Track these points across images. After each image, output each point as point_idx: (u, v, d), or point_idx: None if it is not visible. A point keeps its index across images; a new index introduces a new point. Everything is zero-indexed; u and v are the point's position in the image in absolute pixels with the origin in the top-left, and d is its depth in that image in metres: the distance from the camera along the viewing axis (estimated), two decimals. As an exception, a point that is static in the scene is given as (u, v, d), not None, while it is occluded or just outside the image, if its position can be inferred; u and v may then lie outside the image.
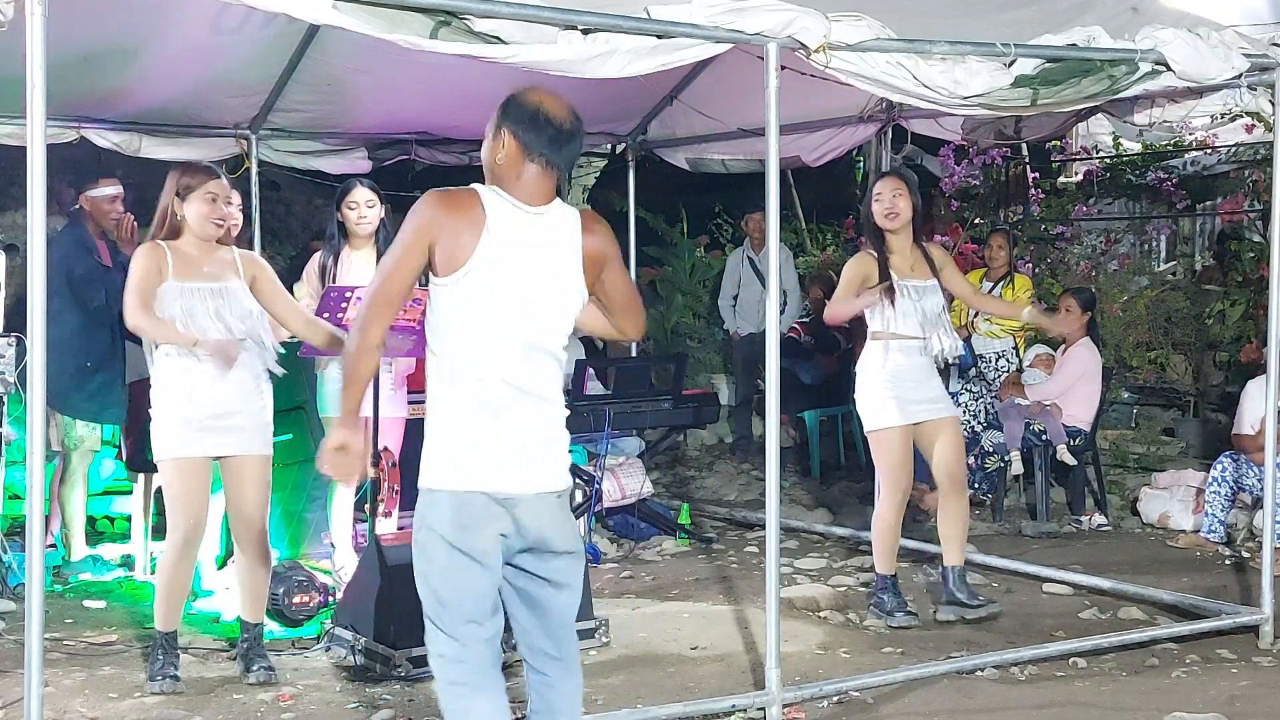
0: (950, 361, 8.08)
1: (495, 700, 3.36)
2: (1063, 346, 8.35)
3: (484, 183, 3.34)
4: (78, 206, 6.89)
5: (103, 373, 6.66)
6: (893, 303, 5.71)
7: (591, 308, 3.52)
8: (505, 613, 3.43)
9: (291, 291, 5.66)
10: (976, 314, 8.39)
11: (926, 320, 5.78)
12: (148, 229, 5.10)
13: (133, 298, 4.86)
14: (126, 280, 4.93)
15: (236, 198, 5.76)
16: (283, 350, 5.12)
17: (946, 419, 5.90)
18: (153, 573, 6.16)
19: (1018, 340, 8.77)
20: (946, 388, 6.39)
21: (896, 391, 5.75)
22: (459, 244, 3.19)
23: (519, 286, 3.25)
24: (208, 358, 4.86)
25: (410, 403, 6.06)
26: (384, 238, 5.99)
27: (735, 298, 10.36)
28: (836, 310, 5.84)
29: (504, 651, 5.27)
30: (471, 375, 3.26)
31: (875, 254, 5.80)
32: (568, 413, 3.45)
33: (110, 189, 6.79)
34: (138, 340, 5.35)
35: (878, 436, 5.84)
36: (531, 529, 3.31)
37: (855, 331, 9.21)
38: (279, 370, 5.08)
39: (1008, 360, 8.62)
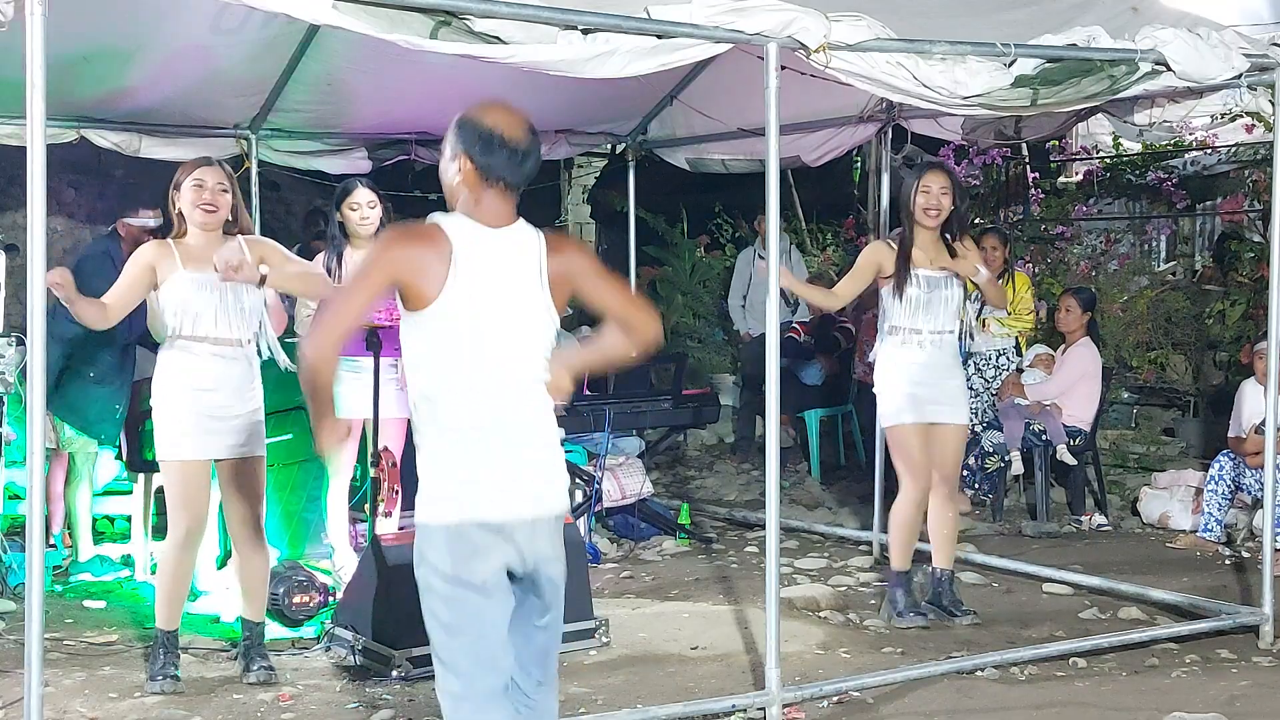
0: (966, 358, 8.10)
1: None
2: (1063, 346, 8.35)
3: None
4: (113, 228, 6.92)
5: (105, 386, 6.66)
6: (901, 295, 5.72)
7: (598, 340, 3.48)
8: None
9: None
10: (982, 310, 8.38)
11: (943, 312, 5.76)
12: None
13: (108, 294, 4.89)
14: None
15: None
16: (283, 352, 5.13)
17: (955, 426, 5.88)
18: (153, 573, 6.16)
19: (1019, 340, 8.77)
20: None
21: (912, 388, 5.74)
22: (428, 276, 3.14)
23: (493, 310, 3.21)
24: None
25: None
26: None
27: (744, 298, 10.37)
28: (840, 290, 5.85)
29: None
30: (455, 405, 3.21)
31: (893, 244, 5.80)
32: (561, 432, 3.40)
33: (151, 220, 6.78)
34: (150, 345, 5.35)
35: (893, 433, 5.85)
36: (529, 555, 3.26)
37: (858, 331, 9.26)
38: (288, 363, 5.08)
39: (1008, 359, 8.61)
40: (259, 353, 5.07)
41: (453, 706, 3.24)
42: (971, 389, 8.50)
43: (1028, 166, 10.51)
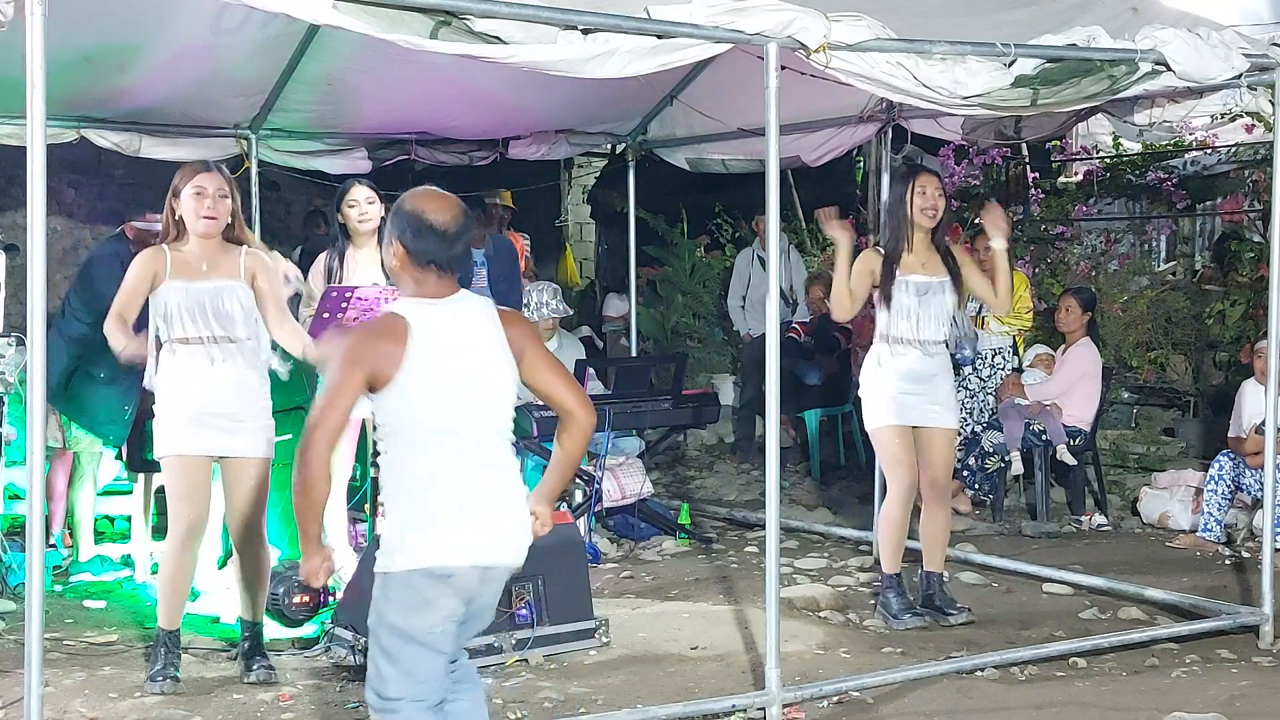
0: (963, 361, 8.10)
1: None
2: (1063, 346, 8.35)
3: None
4: (120, 229, 6.92)
5: (114, 386, 6.65)
6: (889, 304, 5.73)
7: (553, 463, 3.59)
8: None
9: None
10: (981, 309, 8.37)
11: (932, 320, 5.76)
12: None
13: (115, 306, 4.92)
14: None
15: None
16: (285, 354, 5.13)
17: (942, 430, 5.87)
18: (154, 573, 6.16)
19: (1017, 339, 8.77)
20: None
21: (894, 391, 5.75)
22: (390, 360, 3.28)
23: (452, 377, 3.33)
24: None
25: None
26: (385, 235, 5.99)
27: (744, 298, 10.36)
28: (838, 291, 5.83)
29: (505, 650, 5.30)
30: (417, 468, 3.32)
31: (882, 251, 5.81)
32: (524, 492, 3.49)
33: (158, 225, 6.77)
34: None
35: (875, 435, 5.86)
36: (475, 603, 3.39)
37: (856, 332, 9.26)
38: (283, 369, 5.09)
39: (1004, 358, 8.61)
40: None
41: (378, 707, 3.37)
42: (968, 389, 8.51)
43: (1028, 166, 10.51)
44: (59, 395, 6.61)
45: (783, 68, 4.59)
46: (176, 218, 4.98)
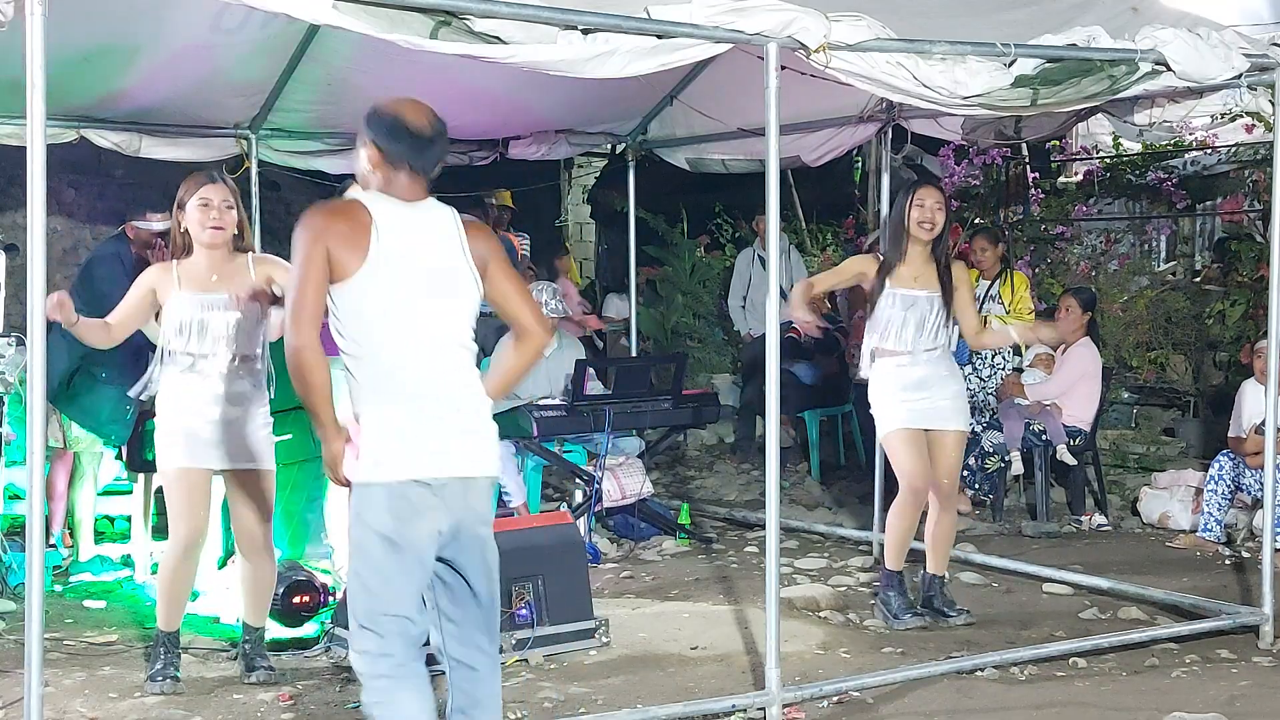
0: None
1: (421, 695, 3.39)
2: (1063, 346, 8.34)
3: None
4: (121, 229, 6.92)
5: (116, 387, 6.65)
6: (872, 310, 5.75)
7: (494, 364, 3.60)
8: (438, 609, 3.49)
9: None
10: (982, 306, 8.37)
11: (923, 331, 5.75)
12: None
13: (113, 314, 4.95)
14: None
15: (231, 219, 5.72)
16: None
17: (953, 433, 5.86)
18: (153, 573, 6.16)
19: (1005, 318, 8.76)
20: None
21: (902, 395, 5.74)
22: (352, 246, 3.29)
23: (416, 277, 3.35)
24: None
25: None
26: None
27: (745, 298, 10.36)
28: (809, 283, 5.90)
29: (505, 650, 5.30)
30: (384, 370, 3.34)
31: (880, 258, 5.80)
32: (489, 402, 3.49)
33: (158, 224, 6.78)
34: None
35: (887, 441, 5.86)
36: (461, 514, 3.38)
37: (852, 331, 9.26)
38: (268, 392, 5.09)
39: (1004, 358, 8.61)
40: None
41: (370, 663, 3.36)
42: (968, 389, 8.50)
43: (1028, 166, 10.50)
44: (61, 396, 6.62)
45: (783, 68, 4.59)
46: (183, 230, 4.98)
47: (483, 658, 3.52)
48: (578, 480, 7.77)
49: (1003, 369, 8.55)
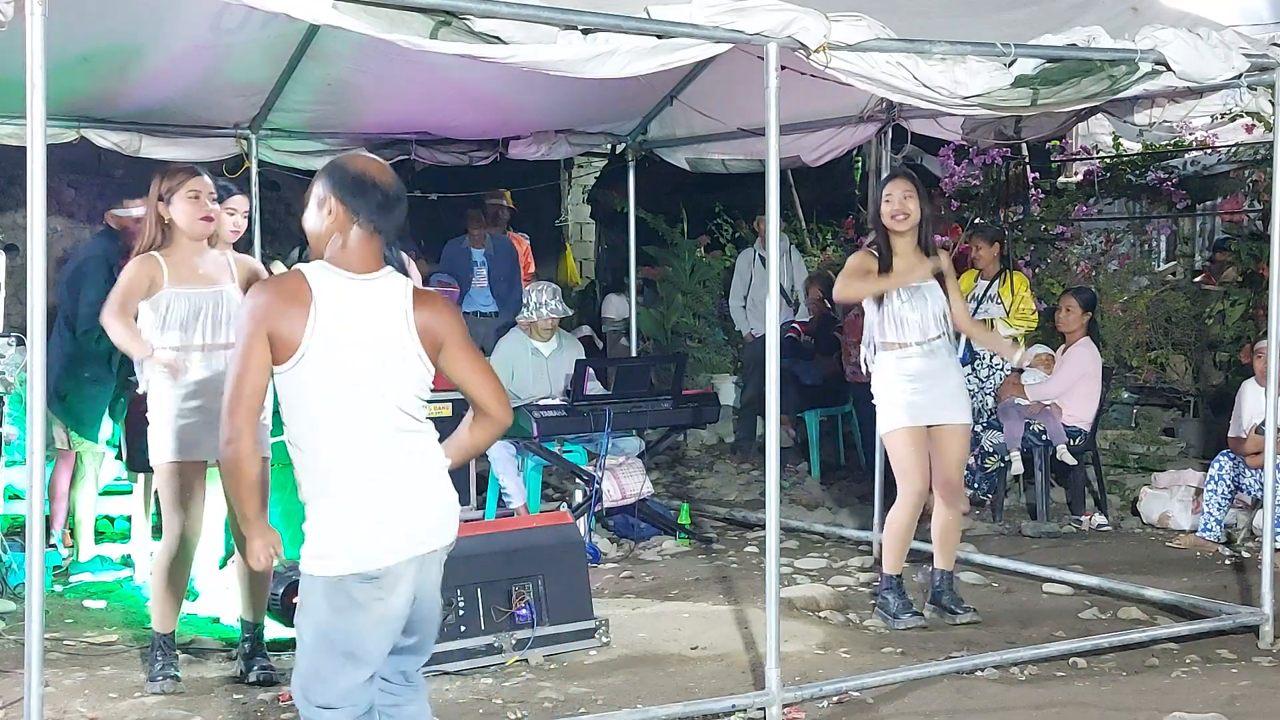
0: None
1: None
2: (1063, 346, 8.35)
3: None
4: (105, 226, 6.93)
5: (101, 386, 6.67)
6: (879, 305, 5.73)
7: (457, 435, 3.45)
8: None
9: None
10: (978, 309, 8.37)
11: (928, 320, 5.77)
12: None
13: (113, 301, 4.91)
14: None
15: (243, 203, 5.74)
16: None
17: (956, 426, 5.86)
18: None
19: (1019, 339, 8.76)
20: None
21: (906, 395, 5.74)
22: (291, 328, 3.15)
23: (356, 357, 3.20)
24: (163, 368, 4.89)
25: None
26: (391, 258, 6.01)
27: (745, 298, 10.36)
28: (851, 289, 5.78)
29: (505, 650, 5.30)
30: (324, 464, 3.22)
31: (877, 253, 5.80)
32: (431, 411, 3.37)
33: (137, 210, 6.79)
34: None
35: (888, 439, 5.85)
36: (410, 591, 3.28)
37: (849, 330, 9.27)
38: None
39: (1003, 358, 8.60)
40: None
41: (304, 709, 3.31)
42: (968, 389, 8.50)
43: (1028, 166, 10.50)
44: (52, 400, 6.62)
45: (783, 68, 4.59)
46: (166, 222, 4.97)
47: (408, 688, 3.46)
48: (578, 480, 7.77)
49: (1002, 369, 8.55)
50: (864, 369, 5.97)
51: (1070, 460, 8.09)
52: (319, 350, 3.17)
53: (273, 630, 5.47)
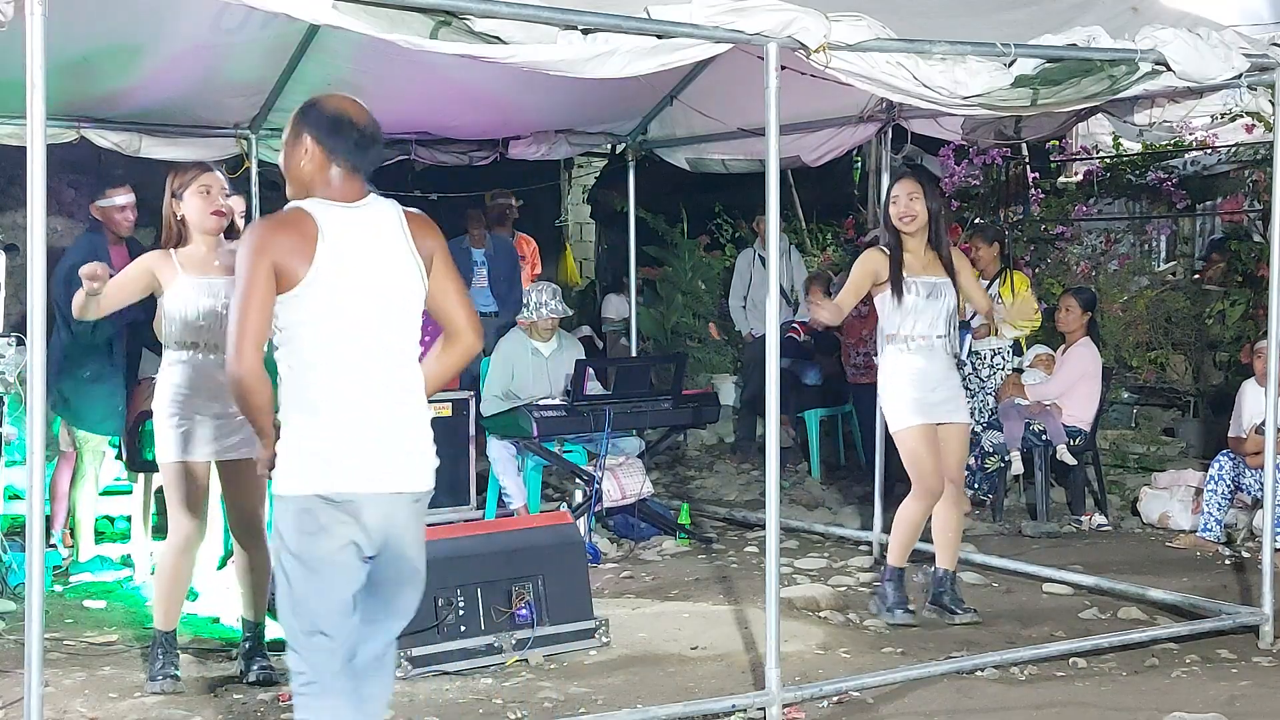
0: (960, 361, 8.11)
1: (343, 706, 3.34)
2: (1063, 346, 8.35)
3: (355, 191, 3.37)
4: (92, 219, 6.93)
5: (103, 384, 6.67)
6: (899, 301, 5.72)
7: (428, 360, 3.47)
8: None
9: None
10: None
11: (939, 318, 5.78)
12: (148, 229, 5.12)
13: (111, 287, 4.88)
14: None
15: (239, 204, 5.80)
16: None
17: (958, 425, 5.90)
18: (153, 573, 6.16)
19: (1020, 340, 8.76)
20: None
21: (917, 392, 5.75)
22: (298, 257, 3.21)
23: (362, 283, 3.27)
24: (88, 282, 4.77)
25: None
26: None
27: (745, 298, 10.36)
28: (836, 305, 5.79)
29: (505, 650, 5.30)
30: (313, 381, 3.25)
31: (887, 251, 5.80)
32: (432, 412, 3.42)
33: (120, 198, 6.81)
34: (152, 346, 5.36)
35: (900, 437, 5.85)
36: (378, 533, 3.29)
37: (846, 331, 9.26)
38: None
39: (1004, 358, 8.60)
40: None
41: (293, 681, 3.35)
42: (968, 389, 8.51)
43: (1028, 166, 10.50)
44: (56, 401, 6.63)
45: (783, 68, 4.59)
46: (179, 219, 4.99)
47: (376, 663, 3.46)
48: (578, 480, 7.77)
49: (1002, 369, 8.55)
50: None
51: (1070, 460, 8.09)
52: (325, 274, 3.22)
53: (273, 630, 5.47)
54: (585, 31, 4.27)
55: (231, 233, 5.13)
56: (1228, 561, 7.13)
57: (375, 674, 3.46)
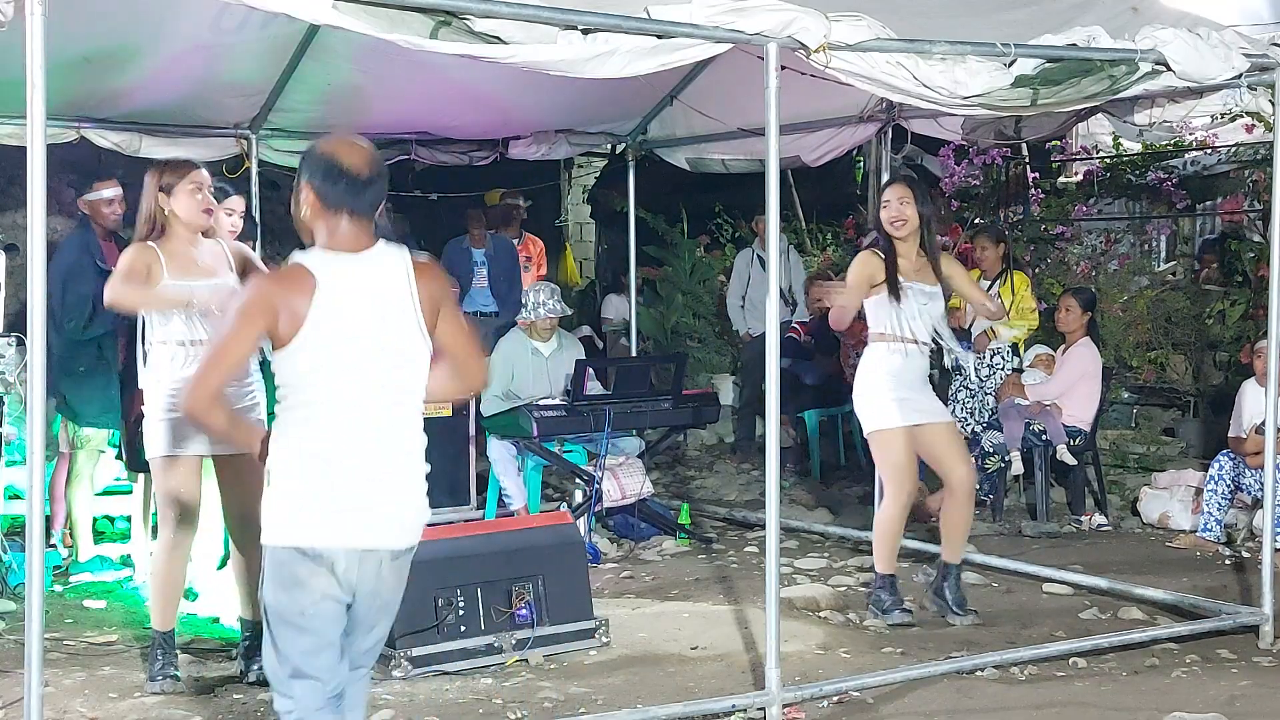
0: (959, 365, 8.11)
1: None
2: (1063, 346, 8.35)
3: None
4: (82, 215, 6.93)
5: (95, 377, 6.67)
6: (899, 301, 5.72)
7: (432, 372, 3.45)
8: None
9: None
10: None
11: (927, 324, 5.79)
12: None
13: (115, 279, 4.90)
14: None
15: (240, 204, 5.79)
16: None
17: (947, 423, 5.92)
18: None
19: (1017, 340, 8.76)
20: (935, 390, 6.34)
21: (897, 393, 5.74)
22: (295, 309, 3.17)
23: (356, 338, 3.21)
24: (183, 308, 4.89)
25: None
26: (381, 229, 6.01)
27: (743, 298, 10.37)
28: (842, 306, 5.80)
29: (505, 650, 5.30)
30: (313, 430, 3.22)
31: (882, 254, 5.80)
32: (428, 468, 3.38)
33: (107, 191, 6.82)
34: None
35: (877, 438, 5.83)
36: (349, 586, 3.26)
37: (846, 331, 9.27)
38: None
39: (1002, 358, 8.60)
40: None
41: (279, 705, 3.32)
42: (968, 389, 8.51)
43: (1028, 166, 10.51)
44: (55, 400, 6.63)
45: (783, 68, 4.59)
46: (166, 213, 4.99)
47: (353, 673, 3.43)
48: (578, 480, 7.77)
49: (1002, 369, 8.55)
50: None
51: (1070, 460, 8.09)
52: (322, 331, 3.18)
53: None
54: (585, 31, 4.27)
55: (211, 231, 5.14)
56: (1228, 561, 7.13)
57: (352, 685, 3.45)
